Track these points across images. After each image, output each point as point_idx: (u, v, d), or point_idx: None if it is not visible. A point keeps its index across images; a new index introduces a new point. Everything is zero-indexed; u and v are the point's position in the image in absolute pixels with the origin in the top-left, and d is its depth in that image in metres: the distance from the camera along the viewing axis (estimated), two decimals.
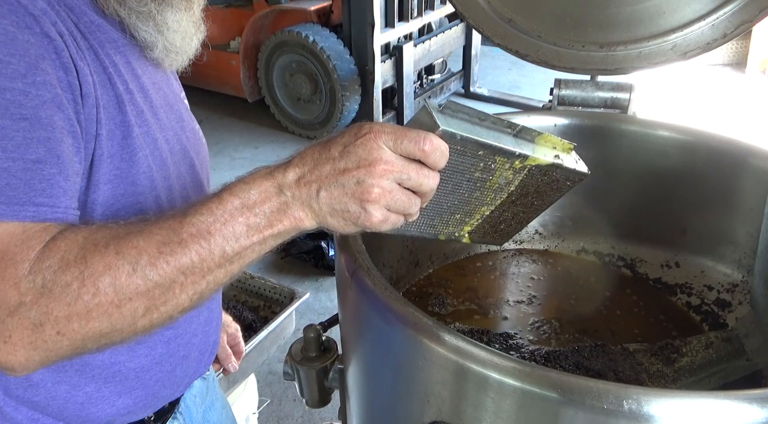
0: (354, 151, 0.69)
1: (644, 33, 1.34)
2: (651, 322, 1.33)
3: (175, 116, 0.99)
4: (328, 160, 0.70)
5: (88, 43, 0.82)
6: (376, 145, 0.68)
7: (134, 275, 0.70)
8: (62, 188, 0.75)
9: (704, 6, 1.27)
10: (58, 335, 0.70)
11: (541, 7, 1.42)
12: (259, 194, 0.72)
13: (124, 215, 0.86)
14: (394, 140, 0.69)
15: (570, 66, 1.42)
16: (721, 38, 1.27)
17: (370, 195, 0.69)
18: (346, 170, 0.69)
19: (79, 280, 0.69)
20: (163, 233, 0.71)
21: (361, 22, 4.28)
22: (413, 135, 0.69)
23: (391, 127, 0.70)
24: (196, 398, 1.17)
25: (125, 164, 0.85)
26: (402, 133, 0.69)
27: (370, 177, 0.68)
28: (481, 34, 1.49)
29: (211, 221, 0.71)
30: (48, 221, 0.73)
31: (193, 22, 0.94)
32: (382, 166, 0.68)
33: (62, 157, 0.75)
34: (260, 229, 0.72)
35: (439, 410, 0.85)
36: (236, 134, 4.83)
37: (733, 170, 1.29)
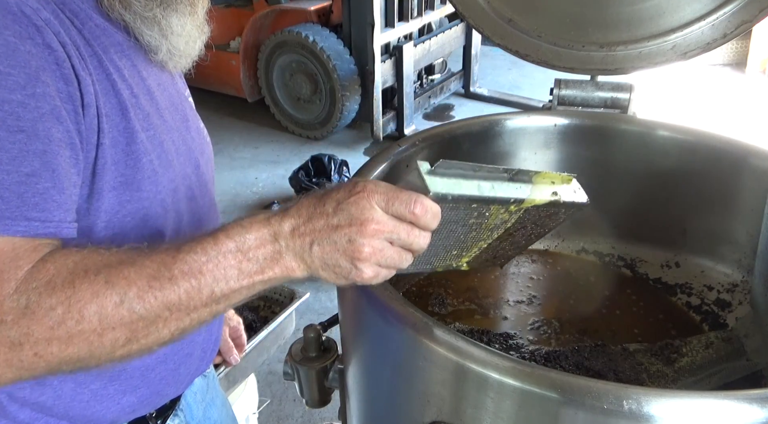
0: (347, 208, 0.70)
1: (644, 33, 1.34)
2: (651, 322, 1.33)
3: (180, 117, 0.99)
4: (322, 215, 0.71)
5: (92, 50, 0.82)
6: (368, 204, 0.69)
7: (121, 307, 0.70)
8: (56, 202, 0.75)
9: (704, 6, 1.27)
10: (35, 356, 0.70)
11: (541, 7, 1.42)
12: (254, 240, 0.73)
13: (129, 221, 0.86)
14: (386, 201, 0.70)
15: (570, 66, 1.42)
16: (721, 38, 1.27)
17: (361, 254, 0.70)
18: (338, 227, 0.70)
19: (65, 305, 0.69)
20: (154, 266, 0.72)
21: (361, 22, 4.28)
22: (404, 197, 0.70)
23: (384, 187, 0.71)
24: (196, 395, 1.18)
25: (130, 171, 0.85)
26: (394, 194, 0.70)
27: (361, 236, 0.70)
28: (481, 34, 1.49)
29: (204, 261, 0.72)
30: (39, 236, 0.73)
31: (196, 25, 0.95)
32: (373, 226, 0.70)
33: (58, 170, 0.75)
34: (251, 274, 0.73)
35: (439, 410, 0.85)
36: (236, 134, 4.83)
37: (733, 170, 1.29)
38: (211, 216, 1.05)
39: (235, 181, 4.19)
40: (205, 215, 1.03)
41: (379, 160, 1.25)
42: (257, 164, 4.42)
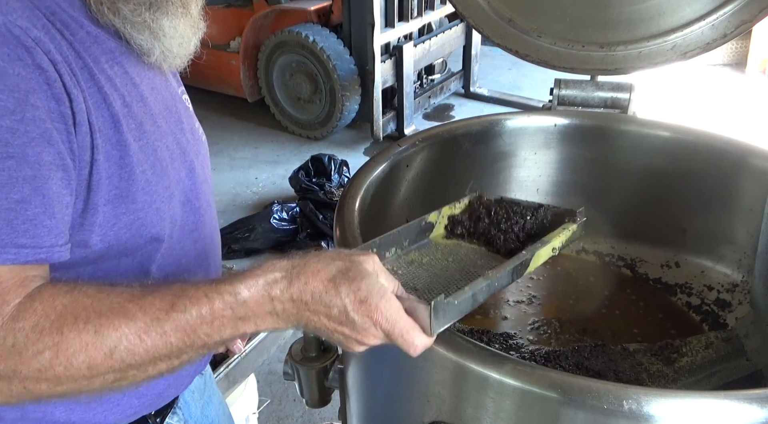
0: (352, 319, 0.70)
1: (644, 33, 1.34)
2: (651, 322, 1.33)
3: (174, 120, 0.99)
4: (327, 309, 0.71)
5: (83, 62, 0.81)
6: (373, 326, 0.70)
7: (111, 358, 0.70)
8: (46, 227, 0.74)
9: (704, 6, 1.27)
10: (24, 389, 0.71)
11: (541, 7, 1.42)
12: (251, 307, 0.72)
13: (125, 233, 0.86)
14: (391, 333, 0.70)
15: (570, 66, 1.42)
16: (721, 38, 1.27)
17: (355, 348, 0.74)
18: (339, 327, 0.72)
19: (53, 351, 0.69)
20: (146, 320, 0.71)
21: (361, 22, 4.28)
22: (408, 339, 0.71)
23: (394, 315, 0.70)
24: (194, 394, 1.18)
25: (124, 183, 0.84)
26: (399, 330, 0.70)
27: (359, 343, 0.73)
28: (481, 34, 1.49)
29: (197, 323, 0.72)
30: (30, 263, 0.73)
31: (190, 25, 0.94)
32: (372, 343, 0.72)
33: (48, 194, 0.74)
34: (245, 331, 0.74)
35: (439, 410, 0.85)
36: (236, 134, 4.83)
37: (733, 170, 1.29)
38: (206, 218, 1.04)
39: (235, 181, 4.19)
40: (200, 218, 1.02)
41: (379, 161, 1.25)
42: (257, 164, 4.42)
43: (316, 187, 3.62)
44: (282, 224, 3.44)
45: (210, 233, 1.06)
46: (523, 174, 1.49)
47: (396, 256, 0.94)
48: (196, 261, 1.01)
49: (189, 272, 0.99)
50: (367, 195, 1.16)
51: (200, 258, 1.02)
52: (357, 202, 1.12)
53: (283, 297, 0.72)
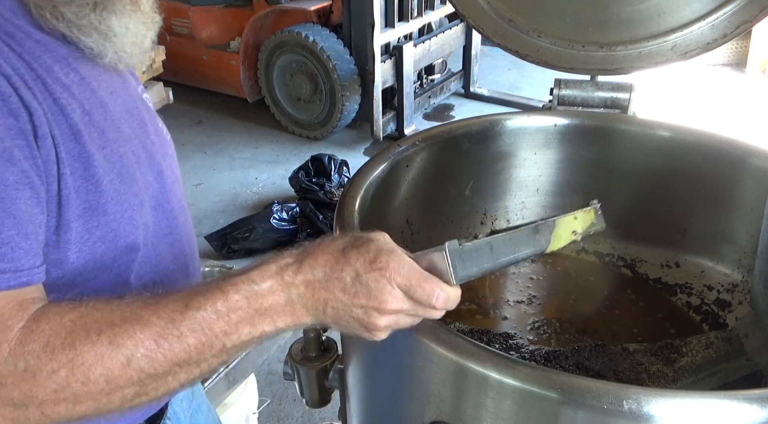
0: (366, 283, 0.68)
1: (644, 33, 1.34)
2: (651, 322, 1.33)
3: (137, 122, 0.95)
4: (339, 280, 0.69)
5: (36, 74, 0.78)
6: (389, 285, 0.68)
7: (128, 367, 0.68)
8: (23, 249, 0.72)
9: (704, 6, 1.27)
10: (42, 415, 0.69)
11: (541, 7, 1.42)
12: (266, 293, 0.71)
13: (100, 246, 0.83)
14: (408, 287, 0.69)
15: (570, 66, 1.42)
16: (721, 38, 1.27)
17: (377, 327, 0.71)
18: (355, 299, 0.69)
19: (68, 368, 0.67)
20: (161, 323, 0.69)
21: (361, 22, 4.28)
22: (427, 288, 0.69)
23: (408, 268, 0.69)
24: (182, 403, 1.17)
25: (92, 196, 0.82)
26: (417, 280, 0.69)
27: (379, 314, 0.70)
28: (481, 34, 1.49)
29: (213, 319, 0.70)
30: (12, 287, 0.70)
31: (142, 22, 0.89)
32: (392, 306, 0.69)
33: (18, 215, 0.71)
34: (263, 327, 0.72)
35: (439, 410, 0.85)
36: (236, 134, 4.83)
37: (733, 170, 1.29)
38: (179, 220, 1.02)
39: (235, 181, 4.19)
40: (174, 221, 1.00)
41: (379, 161, 1.25)
42: (257, 164, 4.42)
43: (316, 187, 3.62)
44: (282, 224, 3.44)
45: (185, 234, 1.04)
46: (523, 174, 1.49)
47: None
48: (174, 264, 0.99)
49: (168, 276, 0.97)
50: (367, 195, 1.16)
51: (178, 261, 1.00)
52: (357, 202, 1.12)
53: (296, 280, 0.70)
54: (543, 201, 1.51)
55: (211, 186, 4.11)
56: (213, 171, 4.29)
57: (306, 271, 0.70)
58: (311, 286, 0.70)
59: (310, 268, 0.70)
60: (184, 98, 5.03)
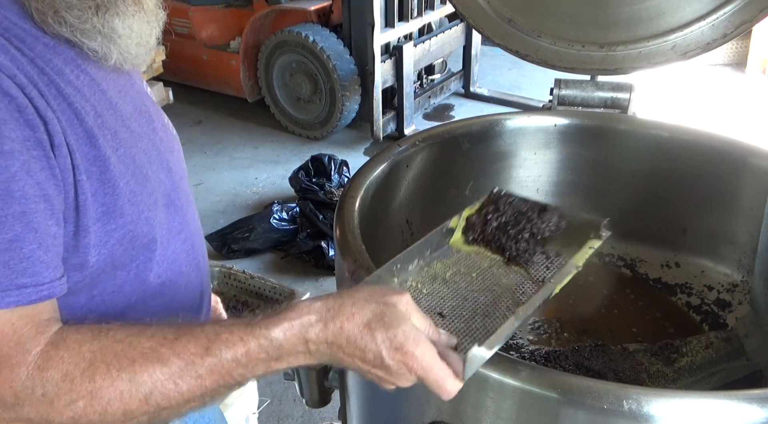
0: (387, 365, 0.71)
1: (644, 33, 1.34)
2: (651, 322, 1.33)
3: (146, 120, 0.95)
4: (361, 353, 0.71)
5: (49, 79, 0.78)
6: (407, 372, 0.71)
7: (146, 404, 0.71)
8: (44, 263, 0.72)
9: (704, 6, 1.27)
10: None
11: (541, 7, 1.42)
12: (286, 348, 0.72)
13: (119, 249, 0.84)
14: (424, 378, 0.71)
15: (570, 66, 1.42)
16: (721, 38, 1.27)
17: (388, 388, 0.74)
18: (373, 369, 0.72)
19: (86, 399, 0.69)
20: (181, 364, 0.71)
21: (361, 22, 4.27)
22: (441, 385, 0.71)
23: (429, 361, 0.70)
24: None
25: (109, 199, 0.82)
26: (434, 377, 0.71)
27: (392, 384, 0.73)
28: (481, 34, 1.49)
29: (233, 366, 0.72)
30: (33, 302, 0.71)
31: (146, 21, 0.88)
32: (405, 385, 0.73)
33: (39, 229, 0.72)
34: (277, 367, 0.75)
35: (439, 410, 0.85)
36: (236, 134, 4.82)
37: (733, 170, 1.29)
38: (188, 215, 1.02)
39: (235, 181, 4.19)
40: (184, 217, 1.00)
41: (379, 161, 1.25)
42: (257, 164, 4.42)
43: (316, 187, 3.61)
44: (282, 224, 3.44)
45: (195, 230, 1.05)
46: (523, 174, 1.49)
47: (419, 268, 0.94)
48: (186, 261, 1.00)
49: (182, 273, 0.98)
50: (367, 195, 1.16)
51: (189, 257, 1.01)
52: (357, 202, 1.12)
53: (318, 340, 0.72)
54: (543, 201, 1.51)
55: (211, 186, 4.11)
56: (213, 171, 4.28)
57: (330, 334, 0.72)
58: (332, 347, 0.72)
59: (333, 333, 0.72)
60: (184, 98, 5.03)
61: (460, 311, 0.86)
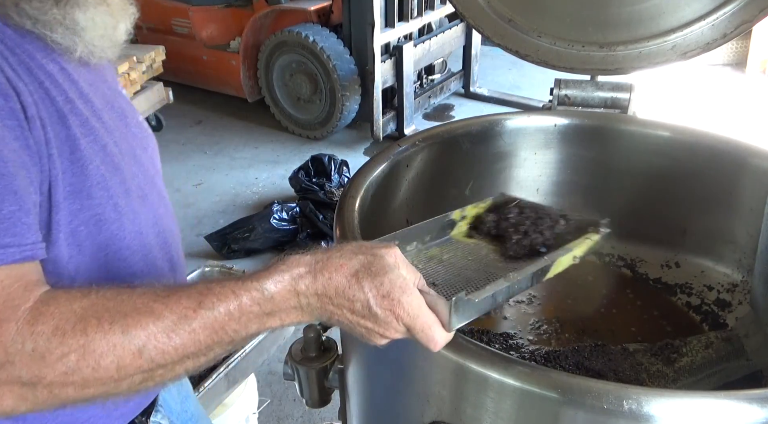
0: (375, 313, 0.71)
1: (644, 33, 1.34)
2: (651, 322, 1.33)
3: (117, 115, 0.96)
4: (350, 303, 0.72)
5: (19, 59, 0.78)
6: (395, 320, 0.71)
7: (139, 358, 0.69)
8: (26, 224, 0.73)
9: (704, 6, 1.27)
10: (50, 394, 0.69)
11: (541, 7, 1.42)
12: (278, 301, 0.72)
13: (83, 230, 0.84)
14: (412, 327, 0.72)
15: (570, 66, 1.42)
16: (721, 38, 1.27)
17: (378, 341, 0.74)
18: (361, 320, 0.72)
19: (79, 353, 0.68)
20: (174, 318, 0.70)
21: (361, 22, 4.28)
22: (429, 333, 0.72)
23: (416, 308, 0.71)
24: (171, 391, 1.18)
25: (77, 179, 0.82)
26: (421, 324, 0.72)
27: (381, 335, 0.74)
28: (481, 34, 1.49)
29: (225, 320, 0.71)
30: (17, 261, 0.71)
31: (110, 14, 0.88)
32: (393, 336, 0.74)
33: (19, 191, 0.72)
34: (271, 325, 0.74)
35: (439, 410, 0.85)
36: (236, 134, 4.83)
37: (733, 170, 1.29)
38: (161, 211, 1.02)
39: (235, 181, 4.19)
40: (156, 211, 1.00)
41: (379, 161, 1.25)
42: (257, 164, 4.42)
43: (316, 187, 3.62)
44: (282, 224, 3.44)
45: (168, 225, 1.05)
46: (523, 174, 1.49)
47: (417, 250, 0.95)
48: (160, 254, 1.00)
49: (156, 266, 0.98)
50: (367, 195, 1.16)
51: (163, 251, 1.01)
52: (357, 202, 1.12)
53: (308, 292, 0.72)
54: (543, 201, 1.51)
55: (211, 186, 4.11)
56: (213, 171, 4.29)
57: (319, 285, 0.72)
58: (322, 299, 0.72)
59: (323, 284, 0.72)
60: (184, 98, 5.03)
61: (452, 282, 0.87)
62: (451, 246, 0.99)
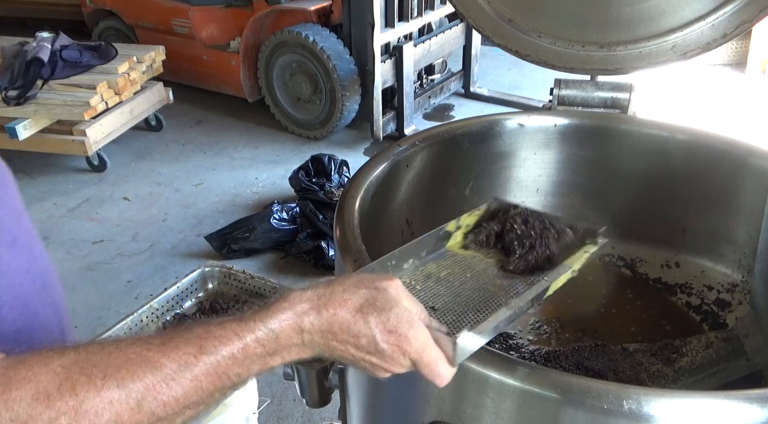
0: (381, 349, 0.70)
1: (644, 33, 1.34)
2: (650, 322, 1.33)
3: None
4: (355, 339, 0.71)
5: None
6: (401, 356, 0.71)
7: (138, 413, 0.65)
8: None
9: (704, 6, 1.27)
10: None
11: (541, 7, 1.42)
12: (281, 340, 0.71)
13: None
14: (418, 362, 0.71)
15: (570, 66, 1.42)
16: (721, 38, 1.27)
17: (381, 375, 0.74)
18: (366, 356, 0.72)
19: (70, 415, 0.62)
20: (173, 366, 0.66)
21: (361, 22, 4.27)
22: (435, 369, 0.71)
23: (422, 343, 0.70)
24: None
25: None
26: (427, 360, 0.71)
27: (386, 370, 0.73)
28: (481, 34, 1.49)
29: (229, 364, 0.69)
30: None
31: None
32: (399, 371, 0.73)
33: None
34: (272, 363, 0.73)
35: (439, 410, 0.85)
36: (236, 134, 4.82)
37: (733, 170, 1.29)
38: (34, 252, 0.95)
39: (235, 181, 4.19)
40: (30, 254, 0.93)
41: (379, 161, 1.25)
42: (257, 164, 4.41)
43: (316, 187, 3.61)
44: (282, 224, 3.44)
45: (45, 266, 0.98)
46: (523, 174, 1.49)
47: (413, 267, 0.94)
48: (40, 302, 0.93)
49: (38, 314, 0.92)
50: (367, 195, 1.16)
51: (42, 297, 0.94)
52: (357, 202, 1.12)
53: (313, 329, 0.71)
54: (543, 201, 1.51)
55: (211, 186, 4.10)
56: (213, 171, 4.28)
57: (324, 321, 0.71)
58: (325, 335, 0.71)
59: (327, 320, 0.71)
60: (184, 98, 5.03)
61: (452, 306, 0.86)
62: (448, 260, 0.98)
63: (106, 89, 4.02)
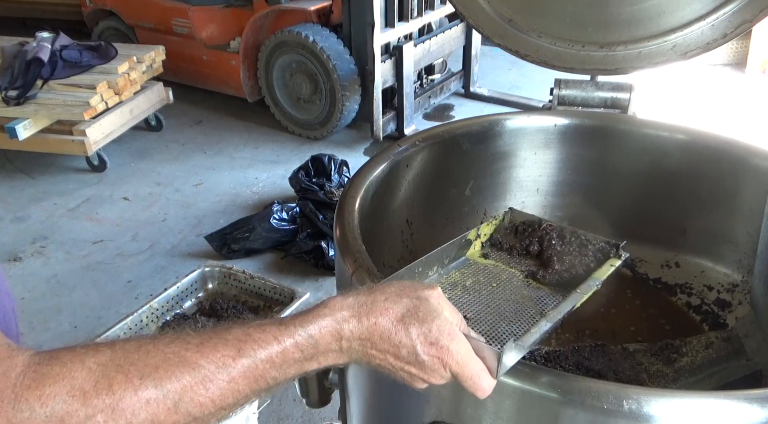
0: (422, 361, 0.70)
1: (644, 33, 1.34)
2: (650, 322, 1.33)
3: None
4: (395, 349, 0.71)
5: None
6: (442, 368, 0.70)
7: (175, 413, 0.65)
8: None
9: (704, 6, 1.27)
10: None
11: (541, 7, 1.42)
12: (320, 346, 0.71)
13: None
14: (460, 376, 0.71)
15: (570, 66, 1.42)
16: (721, 38, 1.27)
17: (419, 386, 0.73)
18: (406, 366, 0.71)
19: (106, 413, 0.61)
20: (211, 367, 0.66)
21: (361, 22, 4.27)
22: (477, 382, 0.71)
23: (464, 356, 0.70)
24: None
25: None
26: (469, 373, 0.71)
27: (424, 381, 0.72)
28: (481, 34, 1.49)
29: (267, 368, 0.69)
30: None
31: None
32: (439, 383, 0.72)
33: None
34: (308, 368, 0.73)
35: (439, 410, 0.85)
36: (236, 134, 4.82)
37: (733, 170, 1.29)
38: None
39: (235, 181, 4.19)
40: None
41: (379, 161, 1.25)
42: (257, 164, 4.41)
43: (316, 187, 3.61)
44: (282, 224, 3.44)
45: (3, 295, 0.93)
46: (523, 174, 1.49)
47: (438, 275, 0.96)
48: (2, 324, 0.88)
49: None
50: (367, 195, 1.16)
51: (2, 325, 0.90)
52: (357, 202, 1.12)
53: (352, 336, 0.71)
54: (543, 201, 1.51)
55: (211, 186, 4.10)
56: (213, 171, 4.28)
57: (364, 329, 0.71)
58: (364, 344, 0.71)
59: (368, 328, 0.71)
60: (184, 98, 5.03)
61: (484, 316, 0.87)
62: (470, 269, 1.00)
63: (106, 89, 4.02)
